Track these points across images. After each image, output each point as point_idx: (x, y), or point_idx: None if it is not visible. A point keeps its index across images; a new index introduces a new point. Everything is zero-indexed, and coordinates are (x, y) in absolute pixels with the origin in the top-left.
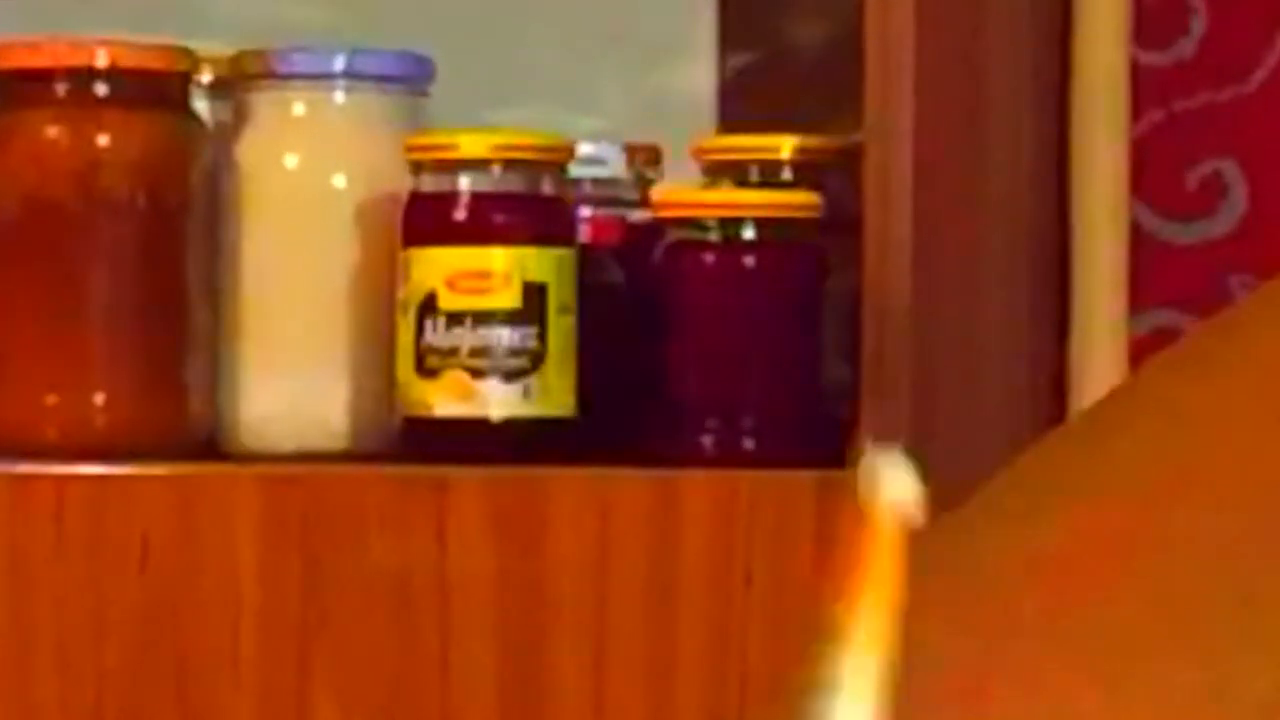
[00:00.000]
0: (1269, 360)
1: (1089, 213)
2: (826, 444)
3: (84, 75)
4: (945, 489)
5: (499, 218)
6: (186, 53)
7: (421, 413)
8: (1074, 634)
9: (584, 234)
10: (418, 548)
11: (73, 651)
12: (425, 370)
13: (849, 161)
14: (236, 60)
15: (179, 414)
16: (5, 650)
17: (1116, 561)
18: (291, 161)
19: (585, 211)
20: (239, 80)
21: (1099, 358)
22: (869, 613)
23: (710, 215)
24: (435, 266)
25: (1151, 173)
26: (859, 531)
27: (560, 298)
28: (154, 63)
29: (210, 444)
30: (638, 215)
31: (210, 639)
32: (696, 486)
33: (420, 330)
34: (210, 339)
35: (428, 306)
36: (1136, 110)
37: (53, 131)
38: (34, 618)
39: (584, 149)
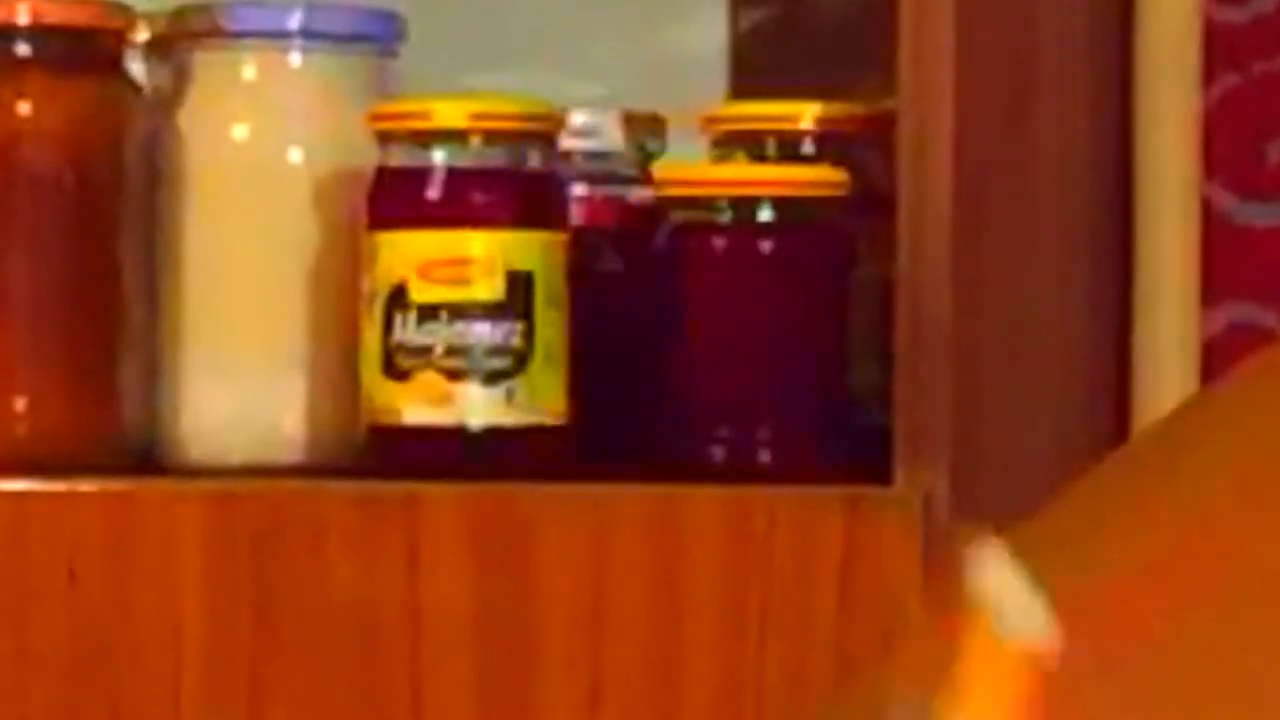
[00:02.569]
0: None
1: (1155, 191)
2: (854, 456)
3: (3, 34)
4: (990, 505)
5: (478, 197)
6: (121, 8)
7: (390, 420)
8: (1128, 680)
9: (576, 216)
10: (386, 574)
11: None
12: (394, 372)
13: (879, 132)
14: (177, 16)
15: (112, 422)
16: None
17: (1177, 599)
18: (240, 133)
19: (578, 190)
20: (180, 39)
21: (1167, 358)
22: None
23: (721, 194)
24: (405, 253)
25: (1226, 146)
26: (970, 641)
27: (549, 289)
28: (83, 19)
29: (148, 456)
30: (638, 194)
31: (148, 678)
32: (705, 504)
33: (388, 326)
34: (148, 336)
35: (397, 299)
36: (1209, 74)
37: None
38: None
39: (576, 118)
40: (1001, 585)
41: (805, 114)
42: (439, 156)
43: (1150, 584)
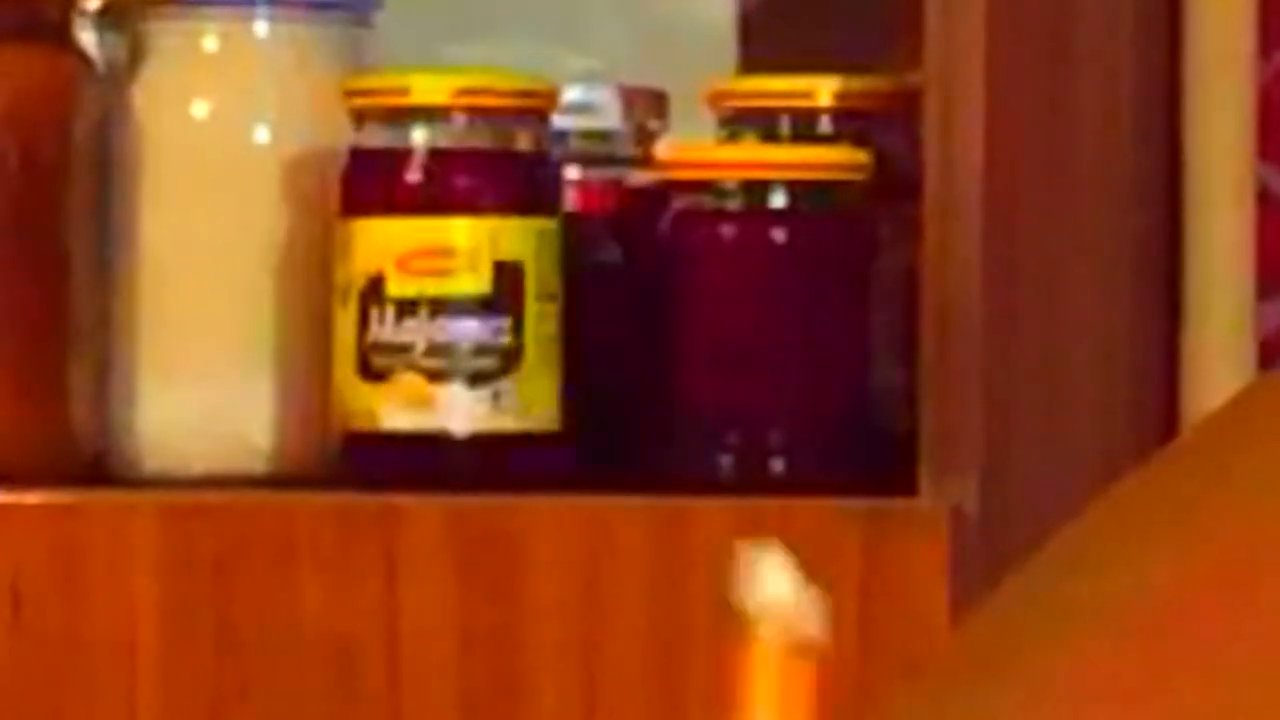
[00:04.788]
0: None
1: (1206, 175)
2: (876, 465)
3: None
4: (1025, 519)
5: (462, 181)
6: None
7: (365, 426)
8: (1183, 697)
9: (570, 201)
10: (361, 596)
11: None
12: (370, 373)
13: (904, 109)
14: None
15: (59, 428)
16: None
17: (1228, 613)
18: (201, 110)
19: (572, 173)
20: (135, 8)
21: (1219, 356)
22: None
23: (729, 178)
24: (382, 242)
25: None
26: (739, 642)
27: (540, 282)
28: None
29: (99, 466)
30: (638, 177)
31: (100, 710)
32: (712, 518)
33: (364, 322)
34: (99, 334)
35: (373, 293)
36: (1265, 47)
37: None
38: None
39: (571, 94)
40: (773, 591)
41: (822, 89)
42: (419, 136)
43: (1205, 596)
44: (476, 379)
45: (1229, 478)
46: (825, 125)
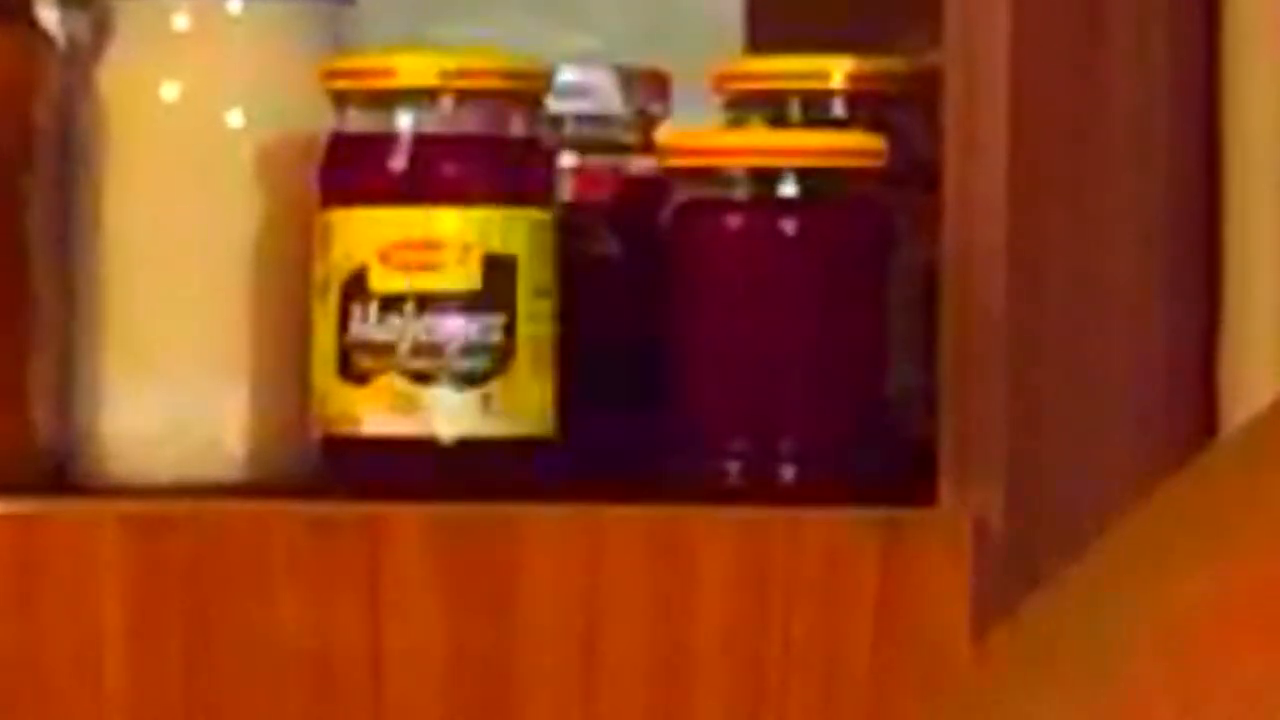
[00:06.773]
0: None
1: (1246, 160)
2: (893, 472)
3: None
4: (1054, 529)
5: (450, 168)
6: None
7: (346, 430)
8: (1208, 708)
9: (566, 190)
10: (343, 611)
11: None
12: (351, 374)
13: (922, 91)
14: None
15: (20, 433)
16: None
17: (1266, 637)
18: (171, 92)
19: (568, 160)
20: None
21: (1260, 355)
22: None
23: (735, 165)
24: (365, 234)
25: None
26: None
27: (534, 276)
28: None
29: (62, 473)
30: (638, 165)
31: None
32: (717, 529)
33: (344, 320)
34: (62, 334)
35: (354, 288)
36: None
37: None
38: None
39: (567, 76)
40: None
41: (835, 70)
42: (404, 121)
43: (1236, 620)
44: (465, 380)
45: (1262, 493)
46: (838, 108)
